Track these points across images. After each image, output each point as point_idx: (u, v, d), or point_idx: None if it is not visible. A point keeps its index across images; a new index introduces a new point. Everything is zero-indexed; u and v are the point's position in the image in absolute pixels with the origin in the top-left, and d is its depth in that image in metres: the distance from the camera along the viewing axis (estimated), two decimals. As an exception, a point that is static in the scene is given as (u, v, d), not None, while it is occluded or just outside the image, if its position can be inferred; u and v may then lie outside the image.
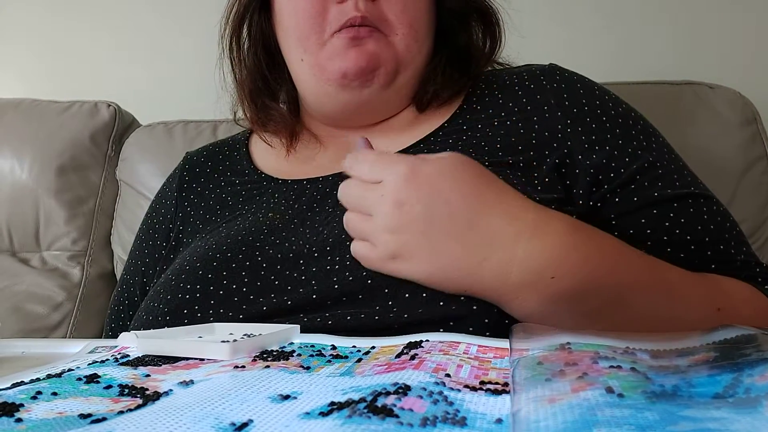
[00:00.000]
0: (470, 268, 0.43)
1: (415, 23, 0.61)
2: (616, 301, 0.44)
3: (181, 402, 0.27)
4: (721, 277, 0.52)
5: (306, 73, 0.63)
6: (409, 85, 0.64)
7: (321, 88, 0.62)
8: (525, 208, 0.45)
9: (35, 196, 1.10)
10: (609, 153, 0.56)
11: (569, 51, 1.10)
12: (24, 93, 1.23)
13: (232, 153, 0.73)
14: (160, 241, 0.70)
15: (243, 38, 0.70)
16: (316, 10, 0.60)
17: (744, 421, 0.20)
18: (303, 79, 0.64)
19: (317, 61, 0.61)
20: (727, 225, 0.56)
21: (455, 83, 0.65)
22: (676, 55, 1.15)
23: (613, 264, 0.45)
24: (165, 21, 1.39)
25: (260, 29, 0.69)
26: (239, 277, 0.53)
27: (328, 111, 0.65)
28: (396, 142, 0.63)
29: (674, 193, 0.55)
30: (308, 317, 0.48)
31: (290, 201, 0.61)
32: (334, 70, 0.60)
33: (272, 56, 0.70)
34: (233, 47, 0.70)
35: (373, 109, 0.64)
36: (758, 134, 0.92)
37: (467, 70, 0.67)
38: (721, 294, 0.49)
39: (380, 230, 0.45)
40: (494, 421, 0.24)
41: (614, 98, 0.62)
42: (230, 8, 0.70)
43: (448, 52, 0.66)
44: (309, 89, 0.65)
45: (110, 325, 0.72)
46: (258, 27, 0.69)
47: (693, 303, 0.47)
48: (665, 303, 0.46)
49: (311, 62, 0.62)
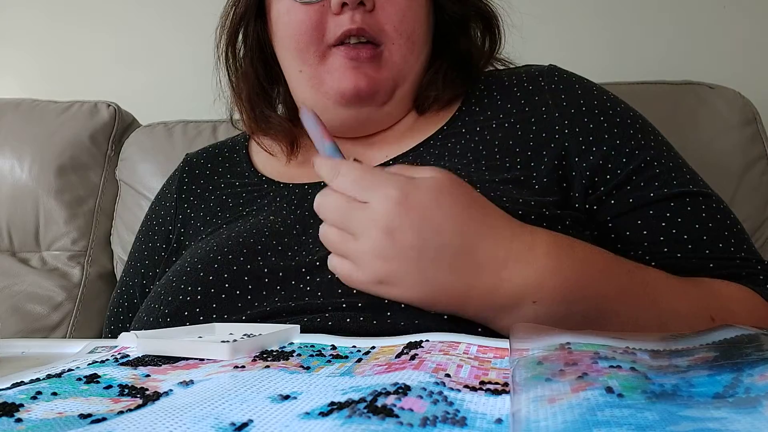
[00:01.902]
0: (459, 294, 0.43)
1: (413, 34, 0.61)
2: (600, 318, 0.44)
3: (181, 402, 0.27)
4: (715, 282, 0.52)
5: (304, 84, 0.63)
6: (408, 95, 0.64)
7: (319, 100, 0.62)
8: (512, 231, 0.44)
9: (35, 196, 1.10)
10: (606, 153, 0.56)
11: (569, 51, 1.10)
12: (24, 93, 1.23)
13: (232, 155, 0.73)
14: (159, 244, 0.70)
15: (238, 47, 0.70)
16: (313, 23, 0.59)
17: (744, 421, 0.20)
18: (301, 89, 0.64)
19: (316, 73, 0.61)
20: (726, 222, 0.55)
21: (457, 87, 0.65)
22: (676, 55, 1.15)
23: (595, 282, 0.44)
24: (165, 21, 1.39)
25: (256, 38, 0.68)
26: (242, 281, 0.53)
27: (326, 123, 0.65)
28: (395, 148, 0.64)
29: (671, 193, 0.54)
30: (308, 317, 0.48)
31: (292, 206, 0.61)
32: (333, 88, 0.60)
33: (268, 64, 0.69)
34: (229, 56, 0.70)
35: (373, 123, 0.64)
36: (758, 134, 0.92)
37: (468, 72, 0.67)
38: (714, 302, 0.49)
39: (368, 255, 0.43)
40: (494, 421, 0.24)
41: (612, 98, 0.61)
42: (225, 17, 0.69)
43: (448, 57, 0.66)
44: (307, 100, 0.64)
45: (109, 327, 0.72)
46: (254, 36, 0.68)
47: (683, 314, 0.46)
48: (652, 316, 0.45)
49: (310, 74, 0.62)
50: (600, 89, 0.62)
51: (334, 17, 0.59)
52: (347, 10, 0.58)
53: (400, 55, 0.61)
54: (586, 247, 0.47)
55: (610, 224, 0.55)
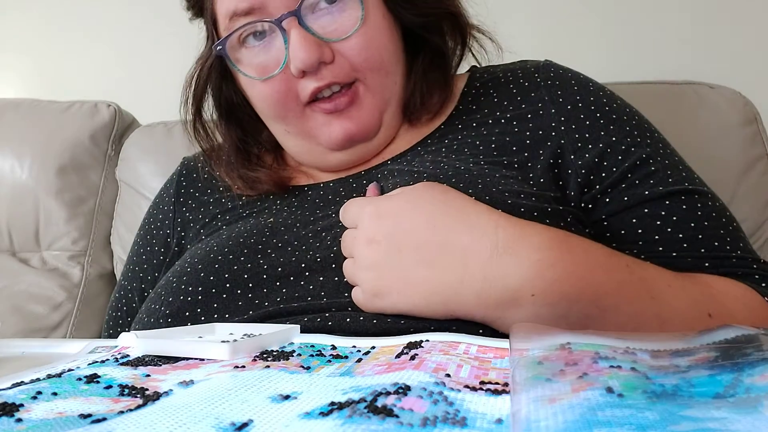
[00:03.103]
0: (449, 291, 0.43)
1: (383, 62, 0.60)
2: (599, 314, 0.43)
3: (181, 402, 0.27)
4: (712, 279, 0.51)
5: (294, 140, 0.63)
6: (396, 113, 0.63)
7: (314, 149, 0.62)
8: (496, 223, 0.44)
9: (35, 196, 1.09)
10: (602, 150, 0.56)
11: (569, 51, 1.10)
12: (24, 93, 1.23)
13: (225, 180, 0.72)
14: (158, 248, 0.70)
15: (205, 118, 0.68)
16: (282, 93, 0.59)
17: (744, 421, 0.20)
18: (292, 144, 0.64)
19: (303, 130, 0.61)
20: (722, 221, 0.54)
21: (440, 87, 0.63)
22: (676, 55, 1.15)
23: (595, 276, 0.44)
24: (165, 21, 1.39)
25: (229, 102, 0.67)
26: (242, 281, 0.53)
27: (325, 166, 0.65)
28: (390, 152, 0.64)
29: (666, 190, 0.54)
30: (308, 317, 0.48)
31: (292, 207, 0.61)
32: (325, 139, 0.60)
33: (243, 124, 0.68)
34: (198, 128, 0.68)
35: (371, 152, 0.64)
36: (758, 134, 0.92)
37: (447, 67, 0.65)
38: (711, 298, 0.48)
39: (360, 269, 0.46)
40: (494, 421, 0.24)
41: (609, 94, 0.61)
42: (187, 93, 0.67)
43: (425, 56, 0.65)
44: (300, 152, 0.65)
45: (108, 330, 0.72)
46: (227, 100, 0.67)
47: (681, 310, 0.46)
48: (651, 312, 0.45)
49: (297, 131, 0.62)
50: (596, 85, 0.62)
51: (300, 80, 0.58)
52: (310, 74, 0.57)
53: (377, 84, 0.60)
54: (584, 241, 0.46)
55: (605, 222, 0.55)
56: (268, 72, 0.59)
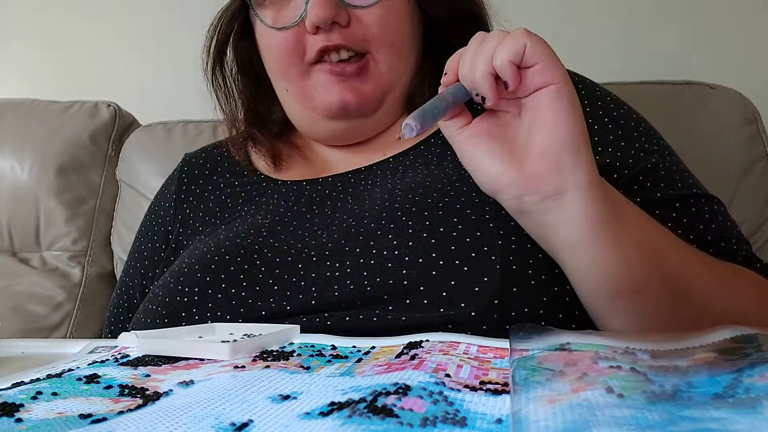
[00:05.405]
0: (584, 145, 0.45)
1: (397, 41, 0.60)
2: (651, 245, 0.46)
3: (181, 402, 0.27)
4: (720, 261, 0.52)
5: (292, 101, 0.64)
6: (399, 101, 0.64)
7: (308, 115, 0.63)
8: None
9: (35, 196, 1.09)
10: (612, 155, 0.56)
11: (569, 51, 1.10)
12: (24, 93, 1.23)
13: (231, 154, 0.73)
14: (159, 244, 0.70)
15: (226, 70, 0.70)
16: (290, 44, 0.60)
17: (744, 421, 0.20)
18: (290, 106, 0.66)
19: (302, 90, 0.62)
20: (728, 224, 0.56)
21: None
22: (676, 55, 1.15)
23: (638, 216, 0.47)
24: (165, 21, 1.39)
25: (246, 58, 0.69)
26: (238, 281, 0.53)
27: (317, 136, 0.66)
28: (394, 148, 0.63)
29: (677, 194, 0.55)
30: (307, 317, 0.48)
31: (289, 203, 0.61)
32: (321, 102, 0.61)
33: (260, 83, 0.70)
34: (217, 76, 0.70)
35: (363, 132, 0.64)
36: (758, 134, 0.92)
37: None
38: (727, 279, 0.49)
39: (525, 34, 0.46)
40: (494, 421, 0.24)
41: (616, 99, 0.61)
42: (210, 40, 0.69)
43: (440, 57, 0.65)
44: (296, 116, 0.66)
45: (109, 327, 0.72)
46: (245, 55, 0.69)
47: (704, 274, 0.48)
48: (688, 267, 0.47)
49: (296, 92, 0.63)
50: (603, 90, 0.62)
51: (312, 36, 0.59)
52: (322, 32, 0.58)
53: (386, 63, 0.60)
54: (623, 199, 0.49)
55: None
56: (284, 22, 0.60)
